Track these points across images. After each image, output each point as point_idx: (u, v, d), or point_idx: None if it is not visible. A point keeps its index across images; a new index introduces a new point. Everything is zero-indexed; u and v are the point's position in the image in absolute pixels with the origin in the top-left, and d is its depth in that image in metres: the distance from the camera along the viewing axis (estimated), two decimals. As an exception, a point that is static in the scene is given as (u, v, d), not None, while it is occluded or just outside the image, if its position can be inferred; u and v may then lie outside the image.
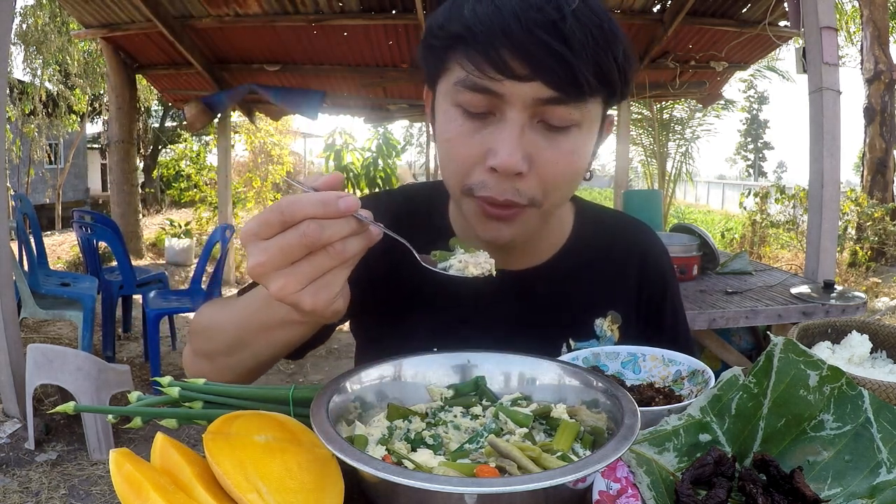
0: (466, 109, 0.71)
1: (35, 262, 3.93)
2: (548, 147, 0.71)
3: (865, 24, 8.71)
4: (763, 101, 37.02)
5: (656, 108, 10.08)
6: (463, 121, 0.72)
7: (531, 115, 0.69)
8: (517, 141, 0.69)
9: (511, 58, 0.66)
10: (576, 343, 0.91)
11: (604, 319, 0.92)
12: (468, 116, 0.71)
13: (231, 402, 0.72)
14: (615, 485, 0.57)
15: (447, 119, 0.73)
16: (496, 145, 0.69)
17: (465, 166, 0.73)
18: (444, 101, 0.74)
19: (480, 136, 0.71)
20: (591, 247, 0.94)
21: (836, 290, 2.62)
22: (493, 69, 0.67)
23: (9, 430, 3.06)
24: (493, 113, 0.70)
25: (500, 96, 0.68)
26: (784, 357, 0.64)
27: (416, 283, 0.89)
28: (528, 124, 0.70)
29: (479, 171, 0.72)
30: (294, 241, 0.55)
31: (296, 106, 5.93)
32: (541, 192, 0.73)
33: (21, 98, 11.16)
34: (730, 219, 13.50)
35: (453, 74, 0.71)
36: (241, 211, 9.74)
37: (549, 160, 0.71)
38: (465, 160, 0.72)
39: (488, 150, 0.70)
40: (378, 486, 0.53)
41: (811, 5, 2.98)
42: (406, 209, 0.91)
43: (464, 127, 0.71)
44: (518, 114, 0.69)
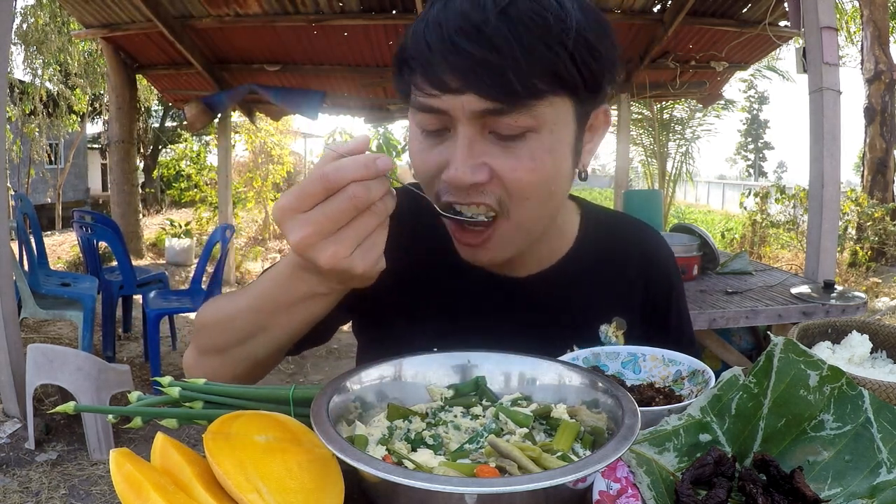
0: (424, 129, 0.72)
1: (35, 262, 3.93)
2: (503, 156, 0.69)
3: (865, 24, 8.71)
4: (763, 101, 37.03)
5: (656, 108, 10.08)
6: (423, 139, 0.73)
7: (480, 126, 0.68)
8: (466, 154, 0.67)
9: (443, 72, 0.65)
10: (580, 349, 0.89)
11: (609, 325, 0.92)
12: (426, 134, 0.72)
13: (231, 402, 0.72)
14: (615, 485, 0.57)
15: (411, 138, 0.75)
16: (450, 158, 0.69)
17: (428, 180, 0.73)
18: (411, 121, 0.75)
19: (437, 151, 0.71)
20: (596, 251, 0.93)
21: (836, 290, 2.62)
22: (430, 86, 0.66)
23: (9, 430, 3.06)
24: (447, 129, 0.70)
25: (446, 112, 0.68)
26: (784, 357, 0.64)
27: (421, 287, 0.89)
28: (479, 135, 0.68)
29: (441, 181, 0.72)
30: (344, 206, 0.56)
31: (296, 106, 5.93)
32: (507, 201, 0.71)
33: (21, 98, 11.16)
34: (730, 219, 13.50)
35: (413, 97, 0.72)
36: (241, 211, 9.75)
37: (507, 168, 0.69)
38: (427, 175, 0.73)
39: (445, 163, 0.70)
40: (378, 486, 0.53)
41: (811, 5, 2.98)
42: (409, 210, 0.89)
43: (423, 144, 0.73)
44: (466, 127, 0.67)
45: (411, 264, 0.85)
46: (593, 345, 0.89)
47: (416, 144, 0.73)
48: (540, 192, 0.72)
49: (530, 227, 0.75)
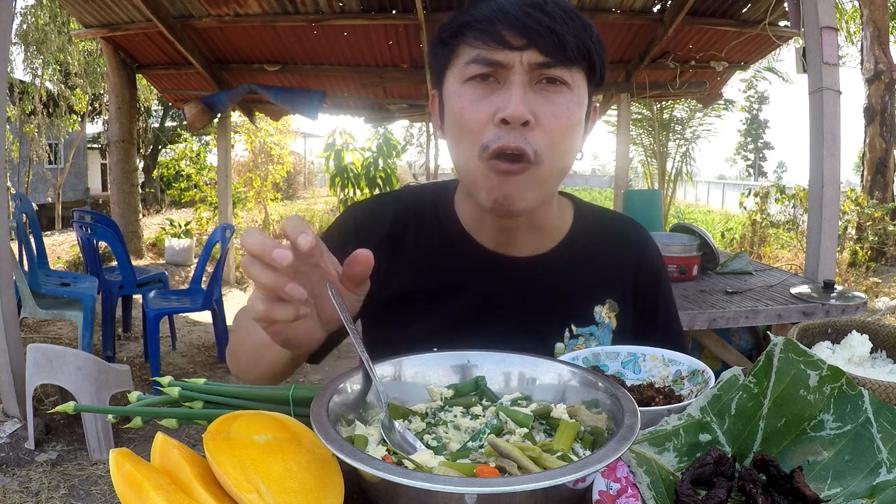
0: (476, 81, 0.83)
1: (35, 262, 3.93)
2: (546, 104, 0.82)
3: (865, 24, 8.71)
4: (763, 100, 37.02)
5: (656, 108, 10.08)
6: (473, 90, 0.83)
7: (529, 78, 0.81)
8: (522, 96, 0.80)
9: (509, 33, 0.80)
10: (577, 328, 0.96)
11: (602, 307, 0.98)
12: (477, 86, 0.83)
13: (231, 402, 0.72)
14: (615, 485, 0.57)
15: (458, 94, 0.84)
16: (504, 103, 0.80)
17: (478, 127, 0.82)
18: (453, 84, 0.85)
19: (489, 100, 0.82)
20: (589, 240, 1.01)
21: (836, 290, 2.62)
22: (496, 43, 0.80)
23: (9, 430, 3.06)
24: (497, 81, 0.82)
25: (503, 65, 0.81)
26: (784, 357, 0.64)
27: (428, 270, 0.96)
28: (528, 86, 0.81)
29: (491, 128, 0.81)
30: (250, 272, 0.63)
31: (296, 106, 5.92)
32: (544, 145, 0.82)
33: (21, 98, 11.15)
34: (730, 219, 13.50)
35: (462, 58, 0.84)
36: (241, 211, 9.75)
37: (548, 114, 0.82)
38: (478, 122, 0.82)
39: (497, 109, 0.81)
40: (378, 486, 0.53)
41: (811, 5, 2.98)
42: (414, 208, 1.00)
43: (474, 95, 0.83)
44: (519, 77, 0.81)
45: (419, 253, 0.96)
46: (588, 324, 0.97)
47: (467, 97, 0.83)
48: (566, 142, 0.85)
49: (549, 179, 0.86)
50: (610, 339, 0.98)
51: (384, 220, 0.98)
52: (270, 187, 9.91)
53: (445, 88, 0.88)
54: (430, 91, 0.94)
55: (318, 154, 10.03)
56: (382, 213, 0.99)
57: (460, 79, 0.84)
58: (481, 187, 0.84)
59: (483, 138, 0.82)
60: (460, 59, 0.84)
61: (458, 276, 0.96)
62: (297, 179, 17.96)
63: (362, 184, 8.64)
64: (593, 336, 0.97)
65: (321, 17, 5.05)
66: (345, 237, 0.98)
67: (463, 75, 0.84)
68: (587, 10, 5.05)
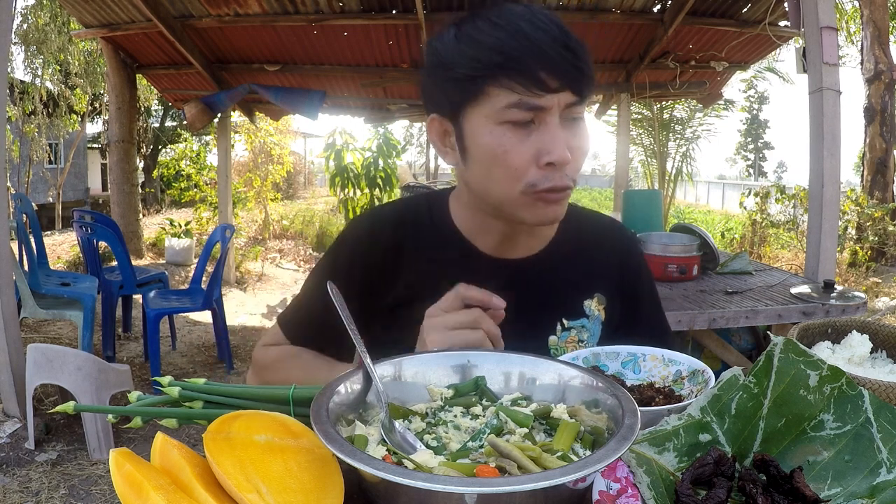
0: (514, 123, 0.84)
1: (35, 262, 3.93)
2: (574, 138, 0.87)
3: (865, 24, 8.71)
4: (763, 101, 37.02)
5: (656, 108, 10.07)
6: (513, 133, 0.85)
7: (561, 116, 0.85)
8: (562, 139, 0.85)
9: (547, 76, 0.82)
10: (569, 322, 1.02)
11: (591, 300, 1.04)
12: (516, 129, 0.85)
13: (231, 402, 0.72)
14: (615, 485, 0.57)
15: (495, 136, 0.85)
16: (548, 146, 0.84)
17: (521, 169, 0.86)
18: (486, 122, 0.86)
19: (530, 141, 0.85)
20: (577, 238, 1.06)
21: (836, 290, 2.62)
22: (538, 88, 0.82)
23: (9, 430, 3.06)
24: (533, 122, 0.85)
25: (542, 108, 0.84)
26: (784, 357, 0.64)
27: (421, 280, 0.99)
28: (560, 124, 0.85)
29: (534, 170, 0.86)
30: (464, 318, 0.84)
31: (296, 106, 5.92)
32: (574, 175, 0.89)
33: (21, 98, 11.15)
34: (730, 219, 13.49)
35: (496, 98, 0.84)
36: (241, 211, 9.74)
37: (577, 148, 0.88)
38: (521, 164, 0.86)
39: (538, 151, 0.85)
40: (378, 486, 0.53)
41: (811, 5, 2.98)
42: (410, 216, 1.05)
43: (514, 138, 0.85)
44: (555, 118, 0.85)
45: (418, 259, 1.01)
46: (579, 317, 1.02)
47: (507, 141, 0.85)
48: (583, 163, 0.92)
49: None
50: (600, 330, 1.04)
51: (385, 233, 1.03)
52: (270, 187, 9.90)
53: (469, 123, 0.87)
54: (430, 116, 0.93)
55: (318, 154, 10.02)
56: (382, 227, 1.04)
57: (495, 120, 0.85)
58: (525, 213, 0.90)
59: (527, 177, 0.86)
60: (495, 100, 0.84)
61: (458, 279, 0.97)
62: (297, 179, 17.95)
63: (362, 184, 8.63)
64: (584, 328, 1.02)
65: (321, 17, 5.05)
66: (352, 255, 1.04)
67: (500, 117, 0.84)
68: (587, 10, 5.06)
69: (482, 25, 0.84)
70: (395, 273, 1.01)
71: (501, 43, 0.82)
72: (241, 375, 4.26)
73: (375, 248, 1.02)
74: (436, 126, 0.93)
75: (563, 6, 5.04)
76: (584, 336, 1.02)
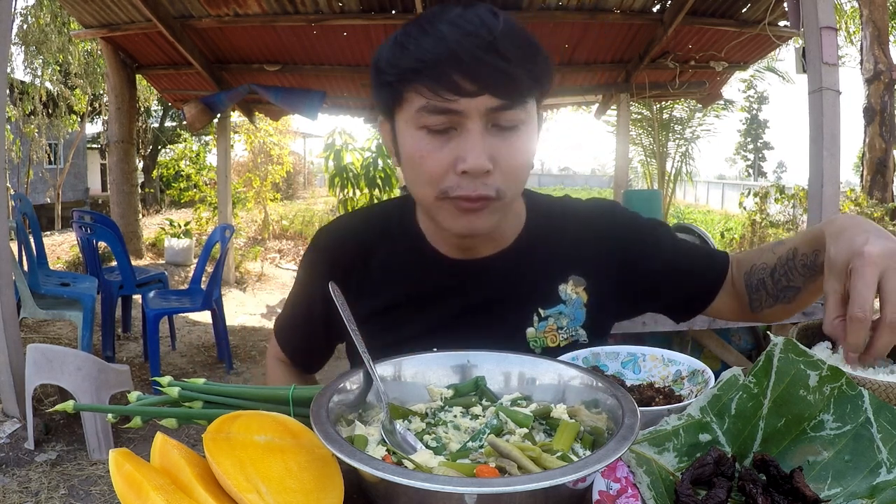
0: (431, 129, 0.82)
1: (35, 262, 3.93)
2: (503, 146, 0.83)
3: (865, 24, 8.71)
4: (763, 101, 37.03)
5: (656, 108, 10.07)
6: (430, 139, 0.83)
7: (485, 122, 0.81)
8: (481, 145, 0.81)
9: (461, 79, 0.78)
10: (544, 311, 0.99)
11: (566, 284, 1.00)
12: (433, 135, 0.83)
13: (231, 402, 0.72)
14: (615, 485, 0.57)
15: (415, 141, 0.84)
16: (463, 153, 0.81)
17: (438, 176, 0.83)
18: (407, 127, 0.85)
19: (448, 148, 0.82)
20: (546, 224, 1.04)
21: (835, 290, 2.62)
22: (450, 92, 0.78)
23: (8, 430, 3.06)
24: (454, 128, 0.82)
25: (459, 113, 0.80)
26: (784, 357, 0.64)
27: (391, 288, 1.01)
28: (484, 130, 0.81)
29: (451, 176, 0.83)
30: None
31: (296, 106, 5.92)
32: (504, 185, 0.84)
33: (21, 98, 11.14)
34: (729, 219, 13.50)
35: (413, 103, 0.82)
36: (240, 211, 9.74)
37: (507, 156, 0.83)
38: (438, 169, 0.83)
39: (456, 158, 0.82)
40: (378, 486, 0.53)
41: (811, 5, 2.98)
42: (379, 225, 1.05)
43: (432, 144, 0.83)
44: (475, 124, 0.81)
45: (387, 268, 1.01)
46: (555, 305, 1.00)
47: (424, 146, 0.83)
48: (525, 176, 0.88)
49: (511, 203, 0.90)
50: (583, 313, 1.00)
51: (352, 241, 1.03)
52: (270, 187, 9.90)
53: (398, 127, 0.87)
54: (381, 120, 0.93)
55: (317, 154, 10.02)
56: (349, 236, 1.04)
57: (414, 125, 0.83)
58: (444, 220, 0.88)
59: (442, 183, 0.83)
60: (412, 104, 0.82)
61: (426, 286, 1.00)
62: (297, 179, 17.95)
63: (362, 184, 8.63)
64: (562, 314, 0.99)
65: (321, 17, 5.05)
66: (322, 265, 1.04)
67: (417, 122, 0.82)
68: (587, 10, 5.06)
69: (412, 30, 0.82)
70: (361, 284, 1.00)
71: (419, 48, 0.80)
72: (240, 375, 4.26)
73: (343, 260, 1.02)
74: (385, 128, 0.93)
75: (562, 6, 5.04)
76: (564, 322, 0.98)
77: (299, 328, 1.10)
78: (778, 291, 0.92)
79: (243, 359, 4.58)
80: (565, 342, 0.98)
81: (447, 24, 0.79)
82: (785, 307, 0.94)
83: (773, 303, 0.94)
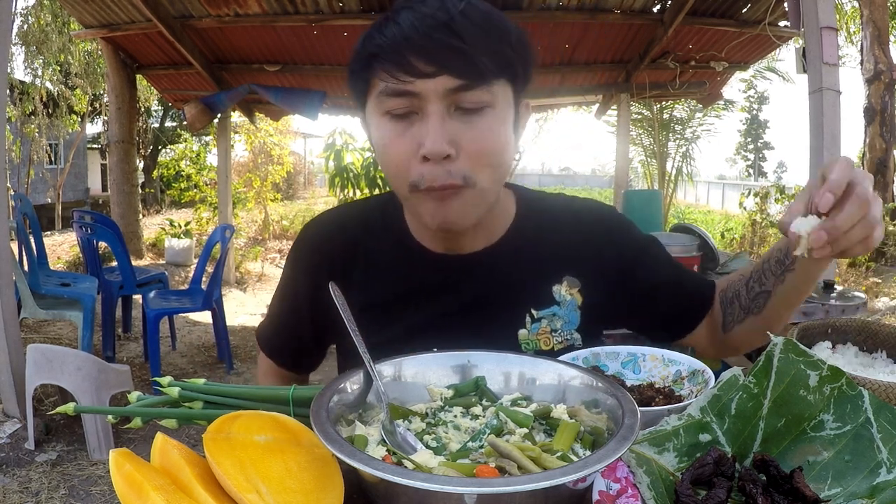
0: (393, 114, 0.82)
1: (35, 262, 3.93)
2: (467, 129, 0.81)
3: (865, 24, 8.71)
4: (763, 101, 37.01)
5: (656, 108, 10.07)
6: (392, 125, 0.82)
7: (447, 105, 0.79)
8: (440, 129, 0.79)
9: (417, 60, 0.77)
10: (537, 312, 0.96)
11: (560, 285, 0.98)
12: (396, 120, 0.82)
13: (231, 402, 0.72)
14: (615, 485, 0.57)
15: (379, 127, 0.84)
16: (422, 137, 0.79)
17: (403, 163, 0.82)
18: (373, 114, 0.85)
19: (409, 133, 0.81)
20: (537, 224, 1.00)
21: (836, 290, 2.62)
22: (405, 73, 0.78)
23: (9, 430, 3.06)
24: (415, 112, 0.81)
25: (417, 95, 0.79)
26: (784, 357, 0.64)
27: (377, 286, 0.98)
28: (446, 114, 0.80)
29: (416, 164, 0.81)
30: None
31: (296, 106, 5.91)
32: (471, 170, 0.82)
33: (21, 98, 11.15)
34: (730, 219, 13.49)
35: (375, 89, 0.82)
36: (240, 211, 9.74)
37: (471, 139, 0.80)
38: (401, 157, 0.82)
39: (418, 144, 0.80)
40: (378, 487, 0.53)
41: (811, 5, 2.98)
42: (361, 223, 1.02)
43: (394, 130, 0.82)
44: (435, 106, 0.79)
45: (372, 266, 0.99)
46: (549, 306, 0.97)
47: (387, 133, 0.82)
48: (495, 160, 0.84)
49: (488, 194, 0.86)
50: (578, 315, 0.97)
51: (339, 236, 1.01)
52: (270, 187, 9.90)
53: (367, 116, 0.87)
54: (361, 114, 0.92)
55: (318, 154, 10.01)
56: (336, 230, 1.02)
57: (379, 111, 0.83)
58: (422, 213, 0.86)
59: (410, 175, 0.82)
60: (374, 90, 0.83)
61: (412, 281, 0.98)
62: (297, 180, 17.94)
63: (362, 184, 8.62)
64: (556, 316, 0.96)
65: (321, 17, 5.05)
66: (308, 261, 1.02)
67: (379, 108, 0.83)
68: (587, 10, 5.05)
69: (380, 20, 0.83)
70: (352, 276, 0.98)
71: (381, 35, 0.80)
72: (241, 376, 4.26)
73: (334, 250, 1.00)
74: (364, 124, 0.93)
75: (562, 6, 5.04)
76: (558, 325, 0.96)
77: (286, 328, 1.07)
78: (750, 301, 0.93)
79: (243, 359, 4.58)
80: (559, 346, 0.96)
81: (407, 10, 0.79)
82: (754, 321, 0.93)
83: (744, 316, 0.94)
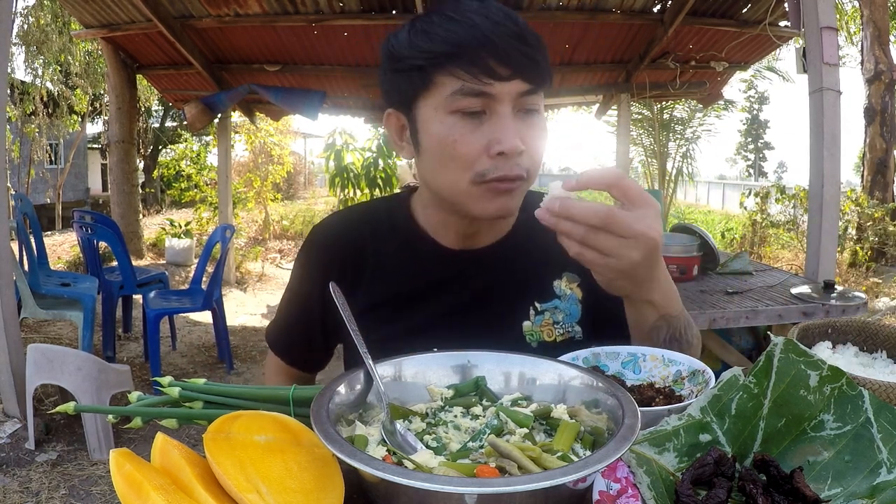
0: (464, 112, 0.85)
1: (35, 262, 3.93)
2: (529, 129, 0.87)
3: (865, 24, 8.71)
4: (763, 101, 37.00)
5: (656, 108, 10.07)
6: (464, 123, 0.85)
7: (514, 106, 0.85)
8: (514, 128, 0.84)
9: (496, 64, 0.82)
10: (540, 305, 1.01)
11: (560, 280, 1.03)
12: (467, 118, 0.85)
13: (231, 402, 0.72)
14: (615, 485, 0.57)
15: (446, 124, 0.86)
16: (498, 135, 0.84)
17: (471, 159, 0.86)
18: (436, 112, 0.86)
19: (480, 131, 0.85)
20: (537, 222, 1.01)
21: (836, 291, 2.62)
22: (486, 76, 0.82)
23: (9, 430, 3.06)
24: (484, 111, 0.85)
25: (492, 96, 0.84)
26: (784, 357, 0.64)
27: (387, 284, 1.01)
28: (513, 115, 0.85)
29: (485, 159, 0.85)
30: None
31: (296, 106, 5.92)
32: (531, 166, 0.88)
33: (22, 98, 11.15)
34: (730, 219, 13.49)
35: (445, 87, 0.84)
36: (241, 211, 9.74)
37: (531, 138, 0.87)
38: (472, 152, 0.85)
39: (490, 141, 0.84)
40: (378, 487, 0.53)
41: (811, 5, 2.98)
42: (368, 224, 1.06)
43: (465, 127, 0.85)
44: (506, 107, 0.85)
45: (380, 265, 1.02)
46: (551, 299, 1.02)
47: (457, 130, 0.85)
48: (541, 157, 0.91)
49: (530, 187, 0.93)
50: (579, 309, 1.02)
51: (347, 237, 1.04)
52: (270, 187, 9.90)
53: (421, 115, 0.88)
54: (387, 111, 0.94)
55: (318, 154, 10.02)
56: (344, 232, 1.05)
57: (445, 109, 0.85)
58: (476, 204, 0.89)
59: (477, 167, 0.85)
60: (443, 89, 0.84)
61: (424, 278, 1.01)
62: (298, 179, 17.95)
63: (362, 184, 8.63)
64: (558, 309, 1.01)
65: (321, 17, 5.05)
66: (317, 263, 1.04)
67: (449, 106, 0.85)
68: (587, 10, 5.05)
69: (436, 19, 0.86)
70: (354, 281, 1.01)
71: (451, 33, 0.83)
72: (241, 376, 4.26)
73: (342, 251, 1.03)
74: (392, 121, 0.94)
75: (563, 6, 5.04)
76: (559, 317, 1.01)
77: (297, 328, 1.10)
78: None
79: (244, 359, 4.58)
80: (561, 338, 1.00)
81: (476, 14, 0.84)
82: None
83: None
